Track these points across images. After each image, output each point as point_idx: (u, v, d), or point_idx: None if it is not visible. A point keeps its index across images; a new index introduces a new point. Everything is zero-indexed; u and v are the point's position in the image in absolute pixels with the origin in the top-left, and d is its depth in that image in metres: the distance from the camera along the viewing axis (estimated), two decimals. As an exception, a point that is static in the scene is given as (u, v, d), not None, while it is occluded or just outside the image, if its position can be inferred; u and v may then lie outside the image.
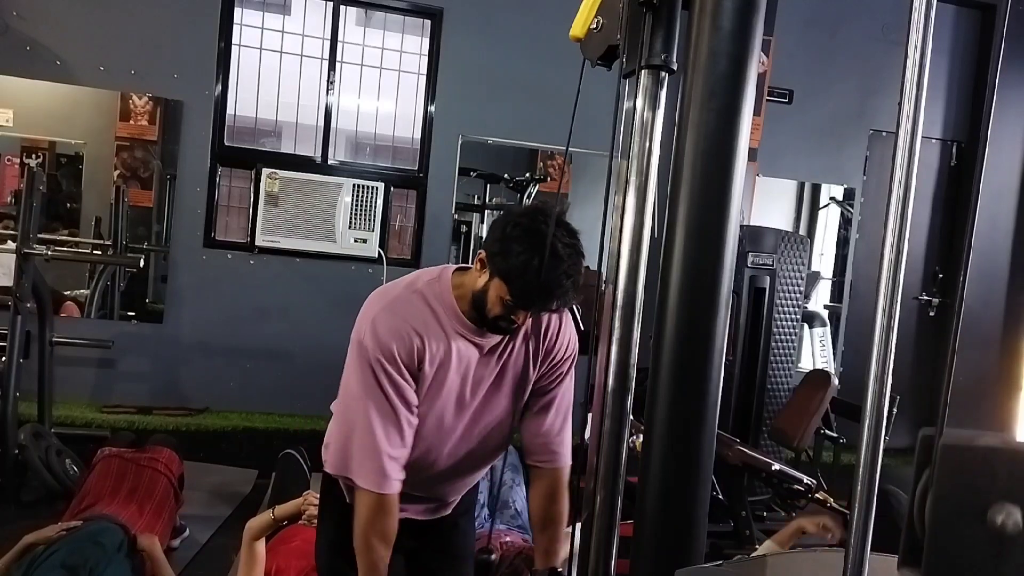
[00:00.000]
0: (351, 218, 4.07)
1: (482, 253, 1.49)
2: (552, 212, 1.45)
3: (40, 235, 3.32)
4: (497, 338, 1.56)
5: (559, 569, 1.70)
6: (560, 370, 1.65)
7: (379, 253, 4.07)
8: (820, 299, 5.09)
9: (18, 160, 4.11)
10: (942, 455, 0.60)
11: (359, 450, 1.50)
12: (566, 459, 1.69)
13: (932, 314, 4.90)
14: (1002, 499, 0.59)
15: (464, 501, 1.83)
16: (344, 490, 1.66)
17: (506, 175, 4.58)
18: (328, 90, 4.15)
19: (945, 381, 0.68)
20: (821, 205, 5.21)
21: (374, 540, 1.51)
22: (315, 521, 2.19)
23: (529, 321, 1.56)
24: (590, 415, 1.05)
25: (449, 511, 1.78)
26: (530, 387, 1.64)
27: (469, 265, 1.57)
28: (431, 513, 1.75)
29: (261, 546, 2.15)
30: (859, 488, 0.70)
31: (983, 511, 0.59)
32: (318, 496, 2.22)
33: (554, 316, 1.62)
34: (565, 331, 1.64)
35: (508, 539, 2.49)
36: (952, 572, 0.60)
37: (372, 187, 4.10)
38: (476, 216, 4.73)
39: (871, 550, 0.69)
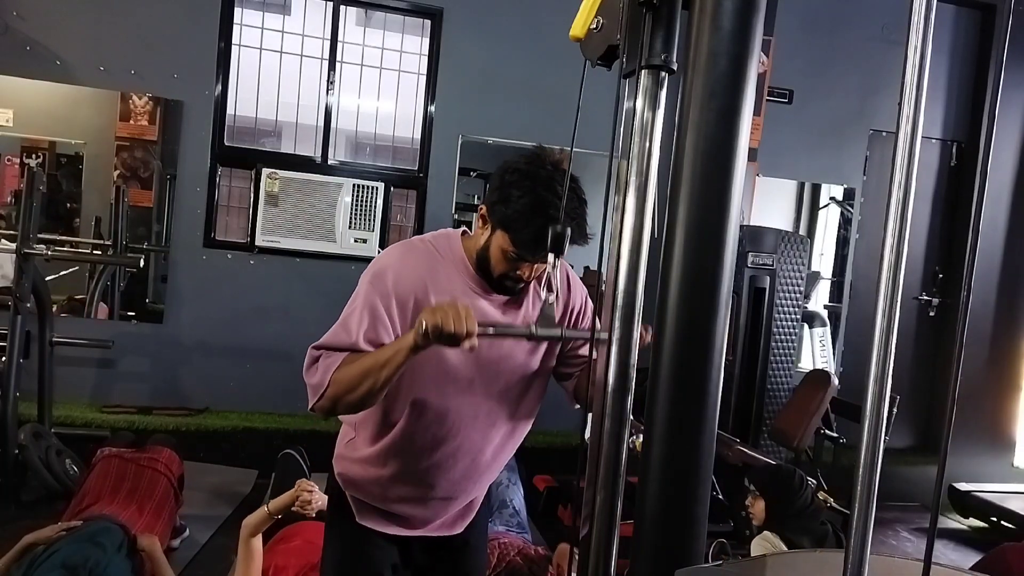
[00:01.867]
0: (351, 218, 4.07)
1: (482, 208, 1.46)
2: (552, 159, 1.40)
3: (40, 235, 3.32)
4: (506, 298, 1.51)
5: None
6: (584, 322, 1.60)
7: (379, 253, 4.06)
8: (820, 299, 5.09)
9: (18, 160, 4.11)
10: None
11: (334, 329, 1.46)
12: None
13: (932, 314, 4.90)
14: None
15: (478, 517, 1.74)
16: (353, 510, 1.59)
17: (506, 175, 4.58)
18: (328, 90, 4.15)
19: (946, 427, 0.68)
20: (821, 205, 5.21)
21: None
22: (308, 508, 2.19)
23: (534, 284, 1.51)
24: (590, 415, 1.05)
25: (462, 528, 1.68)
26: (557, 348, 1.57)
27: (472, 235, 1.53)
28: (445, 528, 1.65)
29: (258, 542, 2.15)
30: (859, 488, 0.70)
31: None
32: (312, 484, 2.24)
33: (560, 270, 1.50)
34: (574, 283, 1.60)
35: (506, 539, 2.50)
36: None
37: (372, 187, 4.10)
38: (476, 216, 4.72)
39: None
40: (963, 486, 4.33)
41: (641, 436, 0.93)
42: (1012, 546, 2.88)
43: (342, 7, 4.15)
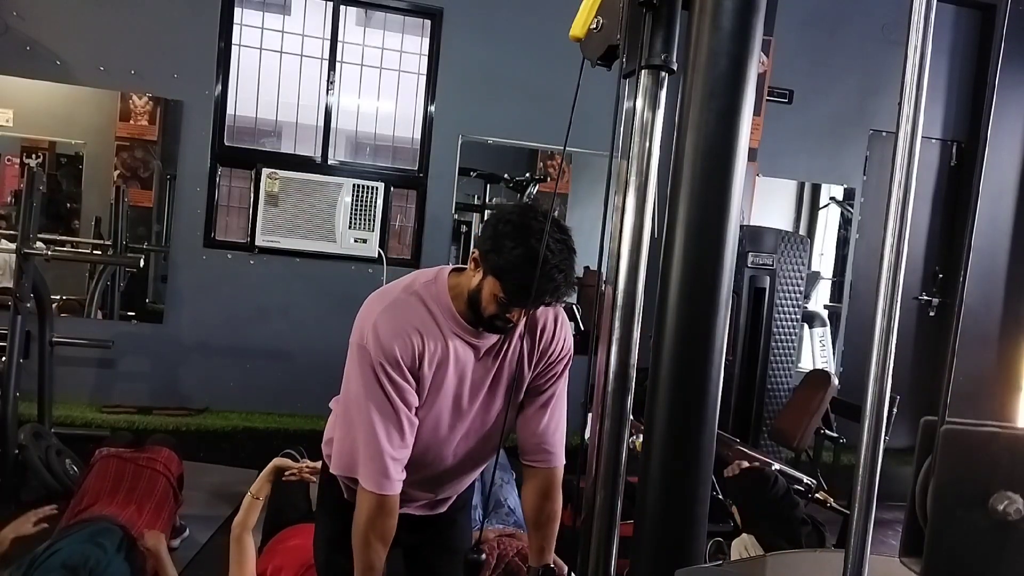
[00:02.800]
0: (351, 218, 4.07)
1: (475, 252, 1.51)
2: (543, 210, 1.47)
3: (40, 235, 3.32)
4: (494, 339, 1.57)
5: (552, 567, 1.71)
6: (555, 370, 1.65)
7: (379, 253, 4.07)
8: (820, 299, 5.08)
9: (18, 160, 4.11)
10: (944, 442, 0.60)
11: (363, 452, 1.51)
12: (560, 459, 1.69)
13: (932, 314, 4.90)
14: (1004, 487, 0.59)
15: (461, 498, 1.85)
16: (343, 488, 1.66)
17: (506, 175, 4.58)
18: (328, 90, 4.15)
19: (947, 368, 0.68)
20: (821, 205, 5.21)
21: (373, 539, 1.52)
22: (298, 471, 2.24)
23: (524, 320, 1.56)
24: (590, 415, 1.05)
25: (446, 508, 1.80)
26: (525, 385, 1.64)
27: (464, 266, 1.58)
28: (429, 509, 1.76)
29: (250, 539, 2.15)
30: (859, 488, 0.70)
31: (985, 499, 0.59)
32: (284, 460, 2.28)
33: (549, 316, 1.62)
34: (560, 331, 1.64)
35: (504, 540, 2.49)
36: (953, 561, 0.61)
37: (372, 187, 4.10)
38: (476, 216, 4.72)
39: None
40: (963, 486, 4.32)
41: (641, 436, 0.93)
42: None
43: (342, 7, 4.15)
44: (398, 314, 1.51)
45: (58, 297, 4.04)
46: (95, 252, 4.14)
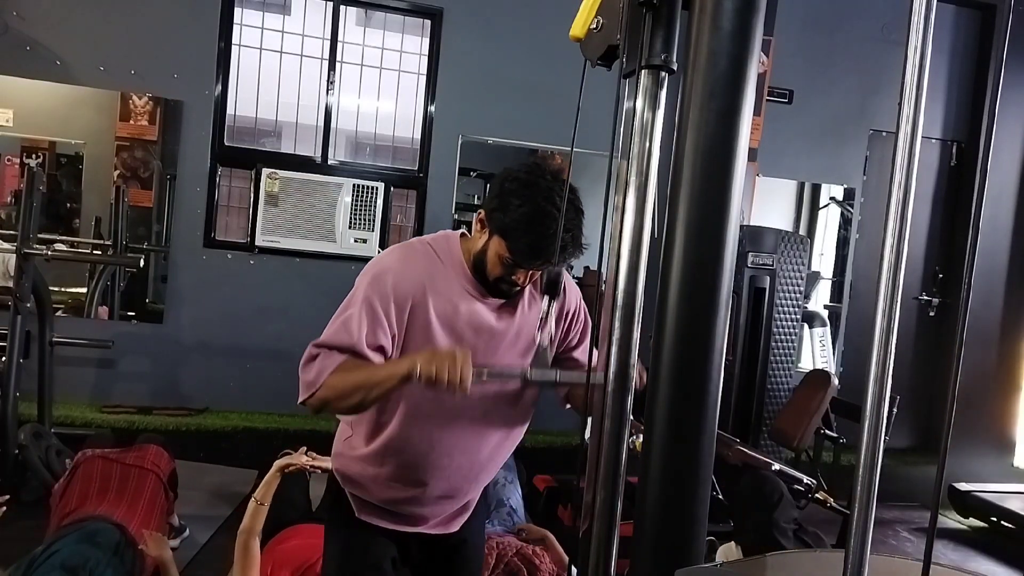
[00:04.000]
0: (351, 218, 4.07)
1: (481, 212, 1.47)
2: (552, 169, 1.42)
3: (40, 235, 3.32)
4: (501, 301, 1.52)
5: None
6: (578, 324, 1.62)
7: (379, 253, 4.07)
8: (820, 299, 5.09)
9: (18, 160, 4.11)
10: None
11: (331, 331, 1.47)
12: None
13: (932, 314, 4.90)
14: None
15: (475, 515, 1.75)
16: (353, 506, 1.61)
17: (506, 175, 4.58)
18: (328, 90, 4.15)
19: (946, 429, 0.68)
20: (821, 205, 5.21)
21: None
22: (302, 464, 2.22)
23: (531, 287, 1.53)
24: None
25: (459, 526, 1.70)
26: (555, 345, 1.58)
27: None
28: (443, 525, 1.67)
29: (256, 545, 2.15)
30: (859, 488, 0.70)
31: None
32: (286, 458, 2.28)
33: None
34: (570, 288, 1.61)
35: (504, 540, 2.49)
36: None
37: (372, 187, 4.10)
38: (476, 216, 4.72)
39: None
40: (963, 486, 4.33)
41: (641, 436, 0.93)
42: None
43: (342, 7, 4.15)
44: (408, 259, 1.49)
45: (62, 299, 4.05)
46: (95, 252, 4.14)
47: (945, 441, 0.60)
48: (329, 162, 4.16)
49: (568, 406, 1.64)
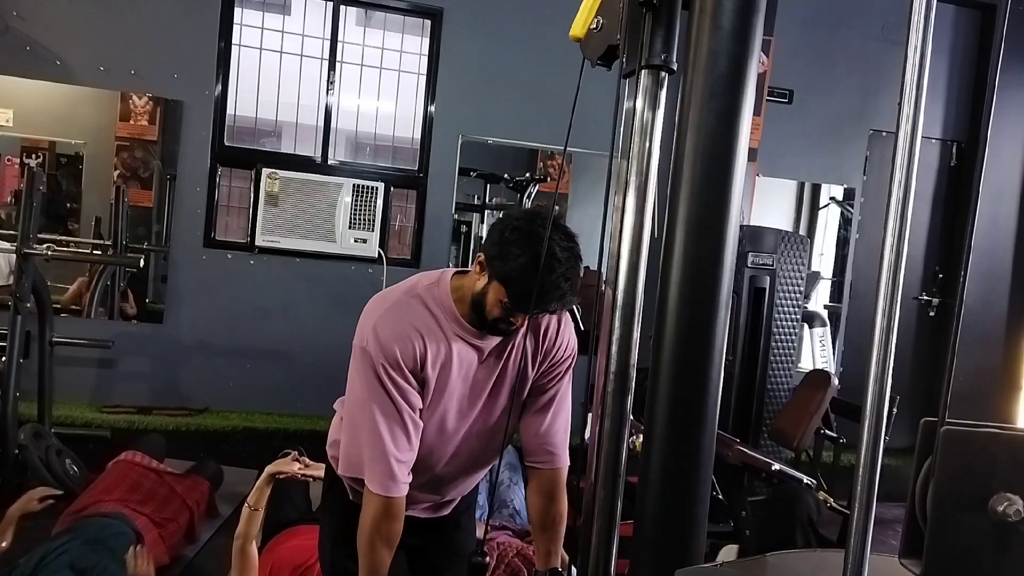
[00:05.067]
0: (351, 218, 4.07)
1: (481, 256, 1.51)
2: (550, 215, 1.45)
3: (40, 235, 3.32)
4: (496, 340, 1.56)
5: (559, 570, 1.70)
6: (559, 370, 1.65)
7: (379, 253, 4.07)
8: (820, 299, 5.08)
9: (18, 160, 4.10)
10: (944, 443, 0.60)
11: (368, 454, 1.50)
12: (564, 460, 1.69)
13: (932, 314, 4.89)
14: (1003, 488, 0.59)
15: (465, 499, 1.84)
16: (348, 489, 1.66)
17: (506, 175, 4.58)
18: (328, 90, 4.15)
19: (947, 369, 0.68)
20: (821, 205, 5.21)
21: (379, 543, 1.51)
22: (298, 470, 2.24)
23: (527, 322, 1.56)
24: (590, 415, 1.05)
25: (450, 510, 1.79)
26: (528, 385, 1.64)
27: (467, 268, 1.58)
28: (433, 511, 1.76)
29: (253, 549, 2.15)
30: (859, 488, 0.70)
31: (985, 500, 0.59)
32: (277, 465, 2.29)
33: (553, 316, 1.62)
34: (564, 331, 1.64)
35: (505, 541, 2.49)
36: (953, 562, 0.61)
37: (372, 187, 4.10)
38: (476, 216, 4.72)
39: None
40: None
41: (641, 436, 0.93)
42: None
43: (342, 7, 4.15)
44: (399, 316, 1.50)
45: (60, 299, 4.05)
46: (95, 252, 4.14)
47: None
48: (329, 162, 4.15)
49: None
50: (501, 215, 1.55)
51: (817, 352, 4.83)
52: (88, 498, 2.58)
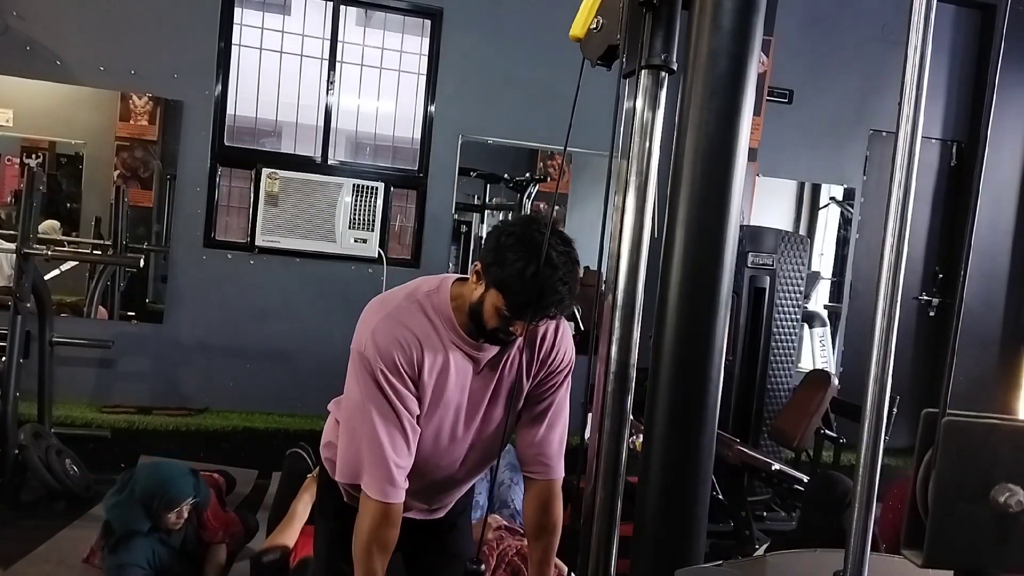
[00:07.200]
0: (351, 218, 4.07)
1: (478, 264, 1.49)
2: (549, 219, 1.45)
3: (39, 235, 3.32)
4: (494, 350, 1.54)
5: None
6: (555, 380, 1.63)
7: (379, 253, 4.07)
8: (820, 299, 5.08)
9: (18, 160, 4.10)
10: (945, 434, 0.60)
11: (367, 459, 1.49)
12: (558, 471, 1.66)
13: (932, 314, 4.90)
14: (1004, 479, 0.59)
15: (461, 502, 1.83)
16: (343, 492, 1.66)
17: (506, 175, 4.58)
18: (328, 90, 4.15)
19: (948, 362, 0.68)
20: (821, 205, 5.21)
21: (375, 548, 1.50)
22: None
23: (519, 342, 1.55)
24: (590, 415, 1.05)
25: (446, 512, 1.79)
26: (524, 395, 1.62)
27: (467, 276, 1.56)
28: (429, 513, 1.75)
29: (305, 507, 2.19)
30: (859, 488, 0.70)
31: (986, 491, 0.59)
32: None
33: (550, 325, 1.59)
34: (561, 341, 1.62)
35: (505, 541, 2.49)
36: (954, 552, 0.61)
37: (372, 187, 4.10)
38: (476, 216, 4.72)
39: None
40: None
41: (641, 436, 0.93)
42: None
43: (342, 7, 4.15)
44: (398, 322, 1.49)
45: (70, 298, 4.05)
46: (95, 252, 4.13)
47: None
48: (329, 162, 4.15)
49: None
50: (498, 221, 1.52)
51: (817, 352, 4.83)
52: None
